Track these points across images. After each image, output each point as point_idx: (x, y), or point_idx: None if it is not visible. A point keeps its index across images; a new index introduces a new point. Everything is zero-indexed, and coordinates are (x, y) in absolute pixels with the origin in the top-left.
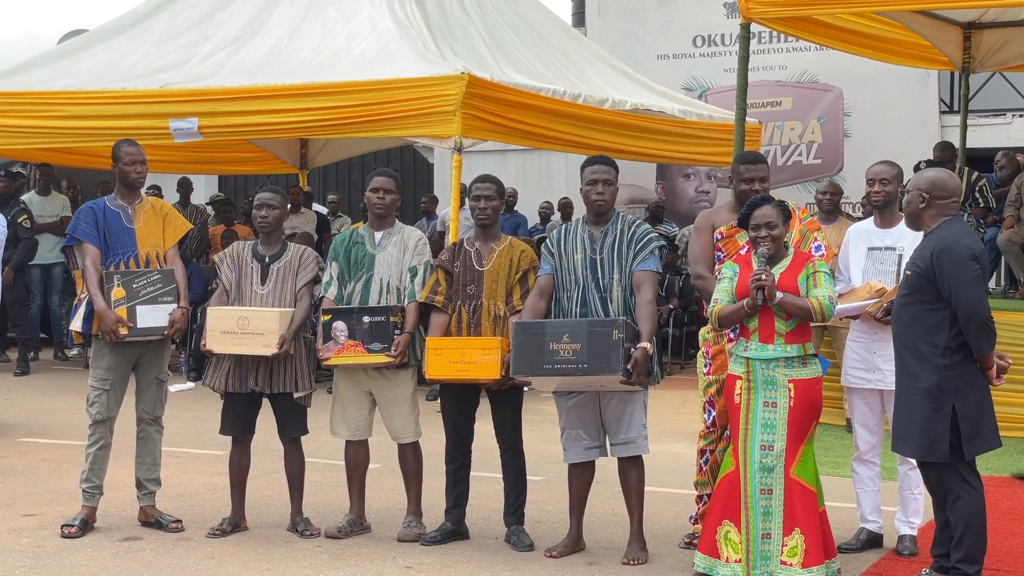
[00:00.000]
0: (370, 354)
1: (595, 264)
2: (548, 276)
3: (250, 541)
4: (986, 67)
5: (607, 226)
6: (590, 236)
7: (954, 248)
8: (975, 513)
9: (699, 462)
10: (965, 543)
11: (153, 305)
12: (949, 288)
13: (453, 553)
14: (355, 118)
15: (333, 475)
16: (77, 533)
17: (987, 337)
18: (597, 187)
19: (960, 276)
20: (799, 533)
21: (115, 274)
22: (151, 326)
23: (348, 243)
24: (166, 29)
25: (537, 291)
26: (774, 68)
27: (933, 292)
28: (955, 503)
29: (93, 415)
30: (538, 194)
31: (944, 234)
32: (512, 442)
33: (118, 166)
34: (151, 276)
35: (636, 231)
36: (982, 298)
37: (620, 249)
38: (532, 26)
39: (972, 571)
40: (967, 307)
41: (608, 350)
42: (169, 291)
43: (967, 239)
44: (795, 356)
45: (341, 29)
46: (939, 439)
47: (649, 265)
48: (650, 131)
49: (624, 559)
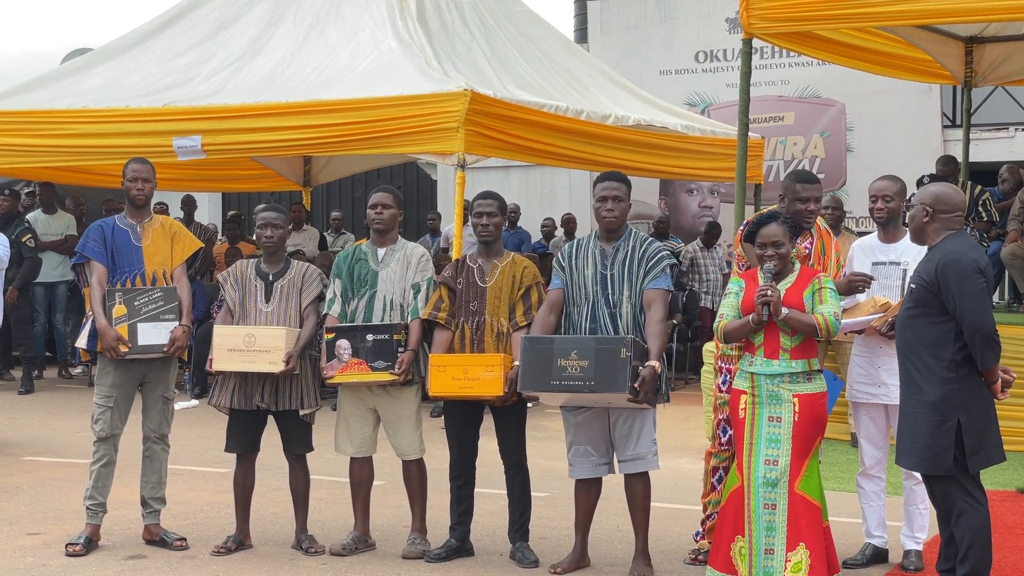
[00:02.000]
0: (374, 372)
1: (606, 280)
2: (559, 291)
3: (255, 559)
4: (988, 81)
5: (619, 242)
6: (602, 252)
7: (959, 261)
8: (980, 527)
9: (711, 480)
10: (971, 558)
11: (155, 323)
12: (954, 301)
13: (458, 570)
14: (358, 135)
15: (338, 492)
16: (81, 552)
17: (992, 350)
18: (607, 204)
19: (965, 289)
20: (804, 548)
21: (117, 291)
22: (152, 344)
23: (351, 260)
24: (169, 48)
25: (548, 305)
26: (776, 83)
27: (938, 305)
28: (960, 517)
29: (97, 432)
30: (541, 210)
31: (949, 247)
32: (516, 458)
33: (124, 183)
34: (153, 294)
35: (648, 248)
36: (987, 311)
37: (631, 266)
38: (534, 42)
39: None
40: (972, 320)
41: (615, 368)
42: (171, 309)
43: (972, 252)
44: (800, 371)
45: (344, 47)
46: (943, 452)
47: (660, 283)
48: (653, 146)
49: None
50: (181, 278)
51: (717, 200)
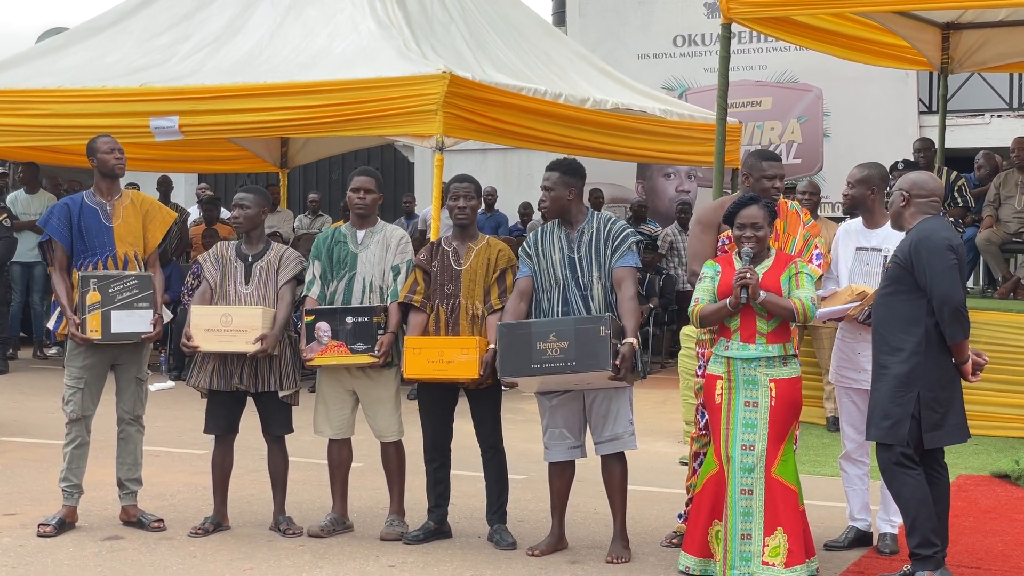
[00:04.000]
0: (354, 354)
1: (574, 263)
2: (527, 278)
3: (232, 540)
4: (964, 68)
5: (583, 225)
6: (567, 236)
7: (931, 238)
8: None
9: (692, 465)
10: (918, 529)
11: (129, 311)
12: (925, 275)
13: (436, 552)
14: (336, 117)
15: (316, 474)
16: (52, 532)
17: (960, 324)
18: (543, 194)
19: (936, 263)
20: (782, 532)
21: (91, 277)
22: (125, 331)
23: (330, 242)
24: (146, 28)
25: (517, 294)
26: (754, 68)
27: (911, 282)
28: (902, 489)
29: (68, 414)
30: (519, 193)
31: (923, 227)
32: (492, 441)
33: (96, 157)
34: (128, 281)
35: (612, 228)
36: (956, 285)
37: (598, 247)
38: (513, 25)
39: (930, 553)
40: (941, 293)
41: (596, 347)
42: (146, 297)
43: (945, 232)
44: (776, 356)
45: (322, 28)
46: (900, 423)
47: (628, 261)
48: (631, 130)
49: (608, 557)
50: (155, 265)
51: (694, 184)
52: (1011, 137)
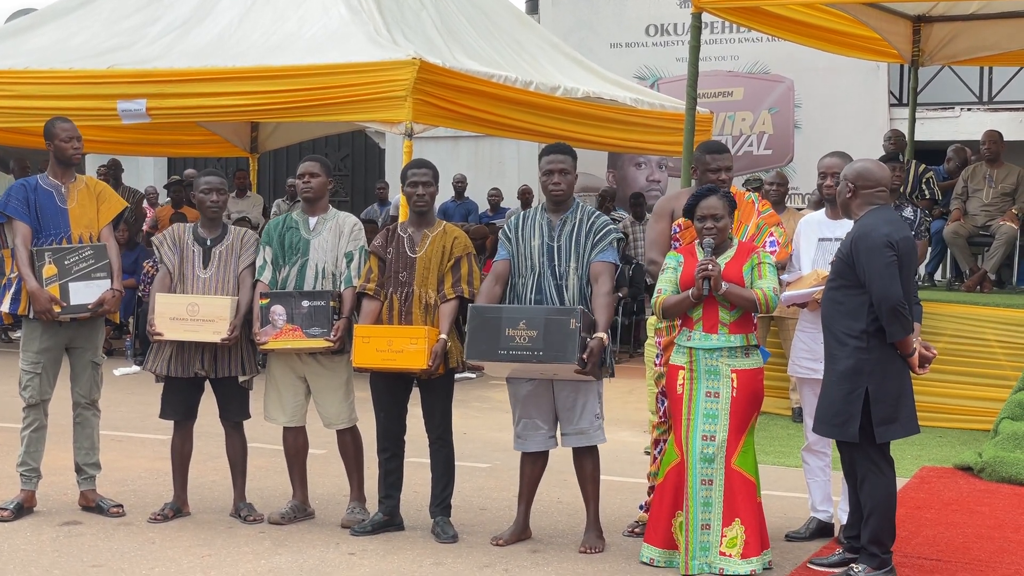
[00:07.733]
0: (309, 338)
1: (552, 251)
2: (505, 261)
3: (192, 526)
4: (935, 61)
5: (566, 214)
6: (549, 223)
7: (870, 235)
8: (884, 496)
9: (653, 452)
10: (871, 525)
11: (86, 281)
12: (864, 273)
13: (396, 540)
14: (306, 102)
15: (277, 460)
16: (10, 517)
17: (899, 323)
18: (554, 177)
19: (873, 262)
20: (739, 524)
21: (46, 251)
22: (85, 302)
23: (282, 228)
24: (115, 10)
25: (493, 276)
26: (726, 58)
27: (853, 277)
28: (863, 484)
29: (27, 399)
30: (489, 181)
31: (864, 221)
32: (440, 432)
33: (53, 143)
34: (83, 252)
35: (595, 222)
36: (894, 284)
37: (578, 238)
38: (485, 12)
39: (879, 552)
40: (879, 292)
41: (564, 338)
42: (102, 267)
43: (885, 227)
44: (738, 346)
45: (292, 12)
46: (850, 420)
47: (607, 256)
48: (602, 119)
49: (581, 548)
50: (109, 238)
51: (665, 174)
52: (981, 130)
